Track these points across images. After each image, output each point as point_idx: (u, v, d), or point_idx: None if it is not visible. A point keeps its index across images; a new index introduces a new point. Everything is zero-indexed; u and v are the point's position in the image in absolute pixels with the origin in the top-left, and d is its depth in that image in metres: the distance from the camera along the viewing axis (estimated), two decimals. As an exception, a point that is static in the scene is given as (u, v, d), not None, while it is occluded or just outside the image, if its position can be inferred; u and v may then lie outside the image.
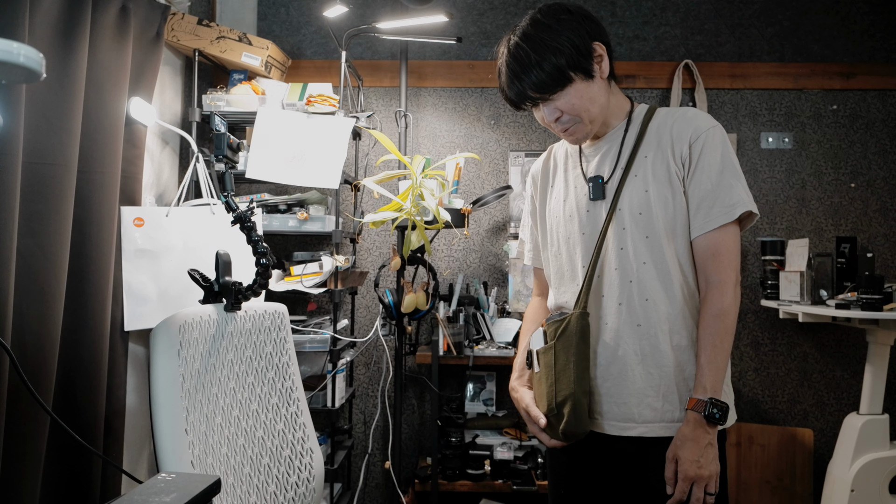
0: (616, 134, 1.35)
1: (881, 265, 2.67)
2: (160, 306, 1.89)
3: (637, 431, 1.25)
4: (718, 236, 1.24)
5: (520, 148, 2.74)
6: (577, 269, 1.35)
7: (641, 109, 1.36)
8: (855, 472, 2.26)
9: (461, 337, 2.42)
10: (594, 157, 1.37)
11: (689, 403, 1.19)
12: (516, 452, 2.43)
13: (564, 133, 1.33)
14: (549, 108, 1.28)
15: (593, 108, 1.28)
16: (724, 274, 1.23)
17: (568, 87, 1.25)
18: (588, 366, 1.28)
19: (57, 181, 1.55)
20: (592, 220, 1.34)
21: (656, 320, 1.26)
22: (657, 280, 1.26)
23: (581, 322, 1.28)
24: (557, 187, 1.44)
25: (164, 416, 1.33)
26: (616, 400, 1.28)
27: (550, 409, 1.29)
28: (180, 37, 2.26)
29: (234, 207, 1.61)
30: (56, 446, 1.57)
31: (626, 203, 1.29)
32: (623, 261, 1.29)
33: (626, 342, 1.27)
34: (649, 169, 1.28)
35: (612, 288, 1.30)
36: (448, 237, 2.72)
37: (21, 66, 0.83)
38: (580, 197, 1.37)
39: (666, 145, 1.28)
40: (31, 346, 1.47)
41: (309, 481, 1.65)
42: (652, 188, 1.27)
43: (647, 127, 1.32)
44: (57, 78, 1.56)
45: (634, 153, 1.31)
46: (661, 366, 1.25)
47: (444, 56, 2.76)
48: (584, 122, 1.29)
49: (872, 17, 2.72)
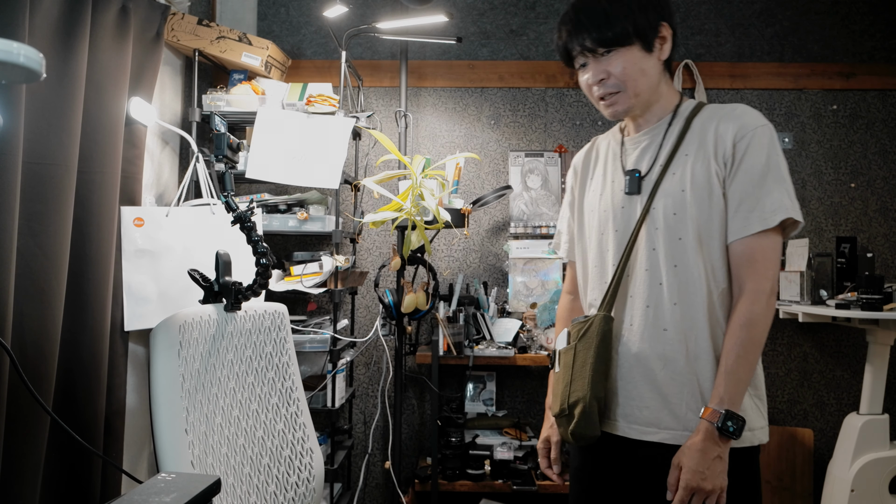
0: (659, 128, 1.30)
1: (881, 265, 2.67)
2: (160, 306, 1.89)
3: (658, 437, 1.22)
4: (755, 242, 1.19)
5: (520, 148, 2.74)
6: (608, 266, 1.32)
7: (689, 105, 1.31)
8: (855, 472, 2.26)
9: (461, 337, 2.42)
10: (634, 151, 1.33)
11: (704, 412, 1.16)
12: (516, 452, 2.43)
13: (603, 102, 1.28)
14: (598, 67, 1.24)
15: (641, 81, 1.25)
16: (758, 282, 1.18)
17: (624, 49, 1.22)
18: (606, 370, 1.26)
19: (57, 181, 1.55)
20: (626, 218, 1.30)
21: (684, 326, 1.22)
22: (688, 284, 1.22)
23: (604, 325, 1.25)
24: (596, 180, 1.40)
25: (164, 416, 1.33)
26: (638, 404, 1.25)
27: (562, 410, 1.28)
28: (180, 37, 2.26)
29: (234, 207, 1.61)
30: (56, 446, 1.57)
31: (661, 202, 1.25)
32: (654, 262, 1.25)
33: (651, 346, 1.24)
34: (689, 168, 1.23)
35: (641, 289, 1.26)
36: (448, 237, 2.72)
37: (21, 66, 0.84)
38: (616, 192, 1.33)
39: (709, 144, 1.23)
40: (31, 346, 1.47)
41: (309, 481, 1.65)
42: (689, 188, 1.22)
43: (691, 123, 1.27)
44: (57, 78, 1.56)
45: (675, 150, 1.26)
46: (686, 373, 1.21)
47: (444, 56, 2.76)
48: (629, 93, 1.25)
49: (872, 17, 2.72)
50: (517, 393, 2.70)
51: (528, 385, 2.70)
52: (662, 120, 1.31)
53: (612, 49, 1.22)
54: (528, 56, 2.75)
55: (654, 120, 1.31)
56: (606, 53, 1.23)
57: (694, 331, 1.21)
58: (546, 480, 2.38)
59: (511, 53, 2.75)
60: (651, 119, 1.32)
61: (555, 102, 2.74)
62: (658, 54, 1.26)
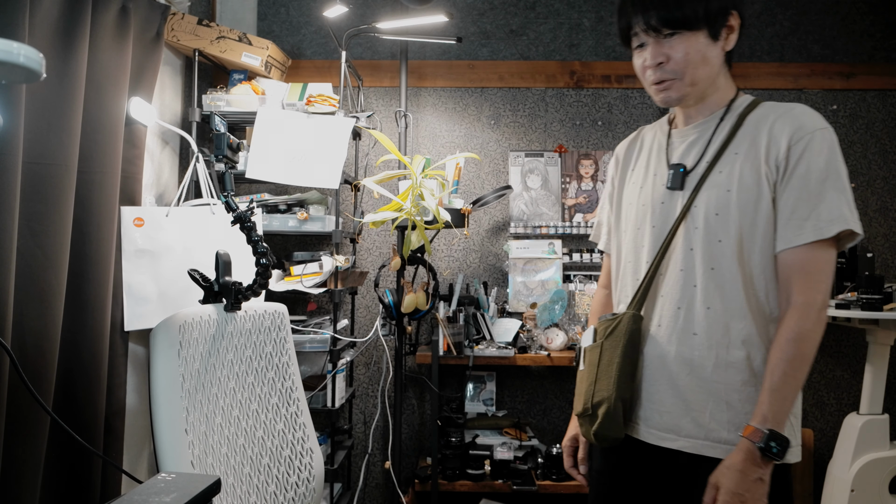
0: (710, 123, 1.24)
1: (881, 265, 2.66)
2: (160, 306, 1.89)
3: (677, 445, 1.18)
4: (808, 253, 1.11)
5: (520, 148, 2.74)
6: (641, 263, 1.27)
7: (744, 100, 1.24)
8: (855, 472, 2.25)
9: (461, 337, 2.42)
10: (681, 145, 1.27)
11: (745, 431, 1.09)
12: (516, 452, 2.43)
13: (657, 86, 1.21)
14: (657, 49, 1.17)
15: (701, 70, 1.18)
16: (809, 295, 1.10)
17: (689, 34, 1.15)
18: (633, 370, 1.22)
19: (57, 181, 1.55)
20: (665, 214, 1.24)
21: (716, 332, 1.16)
22: (724, 289, 1.16)
23: (632, 324, 1.21)
24: (638, 172, 1.34)
25: (164, 416, 1.33)
26: (658, 408, 1.20)
27: (585, 409, 1.24)
28: (180, 37, 2.26)
29: (234, 207, 1.61)
30: (56, 446, 1.57)
31: (704, 201, 1.18)
32: (689, 263, 1.19)
33: (678, 349, 1.19)
34: (737, 167, 1.17)
35: (674, 290, 1.20)
36: (448, 237, 2.72)
37: (21, 66, 0.84)
38: (657, 186, 1.26)
39: (761, 143, 1.16)
40: (31, 346, 1.47)
41: (309, 481, 1.65)
42: (735, 189, 1.16)
43: (744, 120, 1.20)
44: (57, 78, 1.56)
45: (724, 147, 1.19)
46: (712, 381, 1.16)
47: (444, 56, 2.76)
48: (685, 81, 1.18)
49: (872, 17, 2.72)
50: (517, 393, 2.70)
51: (528, 385, 2.70)
52: (714, 114, 1.24)
53: (676, 32, 1.15)
54: (528, 56, 2.75)
55: (706, 113, 1.25)
56: (670, 36, 1.16)
57: (726, 338, 1.16)
58: (546, 480, 2.38)
59: (511, 53, 2.75)
60: (703, 112, 1.25)
61: (555, 102, 2.74)
62: (723, 44, 1.19)
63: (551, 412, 2.69)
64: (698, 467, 1.15)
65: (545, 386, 2.69)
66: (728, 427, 1.14)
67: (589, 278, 2.62)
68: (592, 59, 2.74)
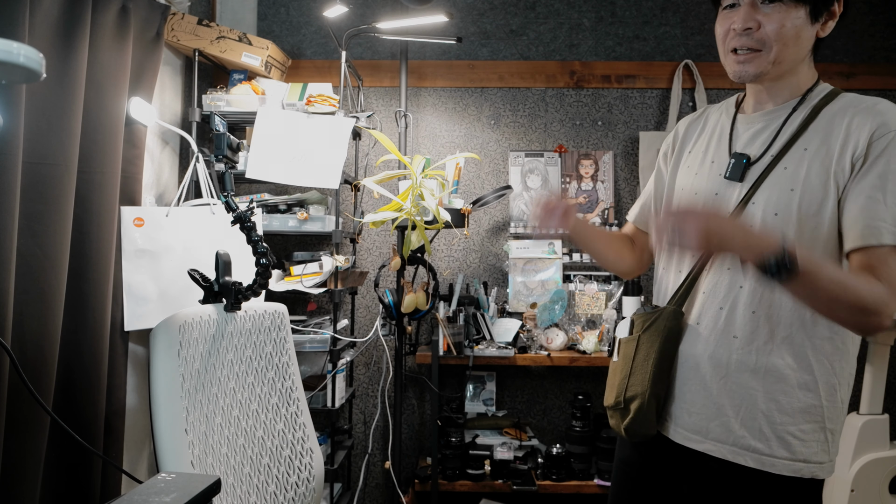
0: (781, 112, 1.14)
1: (881, 265, 2.66)
2: (160, 306, 1.89)
3: (703, 447, 1.14)
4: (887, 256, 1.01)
5: (520, 148, 2.74)
6: (687, 256, 1.20)
7: (822, 89, 1.14)
8: (855, 472, 2.26)
9: (461, 337, 2.42)
10: (746, 132, 1.17)
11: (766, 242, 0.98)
12: (516, 452, 2.43)
13: (734, 56, 1.12)
14: (751, 13, 1.08)
15: (790, 47, 1.08)
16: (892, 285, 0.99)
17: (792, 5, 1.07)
18: (669, 367, 1.18)
19: (57, 181, 1.55)
20: (718, 206, 1.15)
21: (758, 337, 1.10)
22: (772, 294, 1.09)
23: (672, 321, 1.17)
24: (695, 155, 1.26)
25: (164, 416, 1.33)
26: (689, 408, 1.16)
27: (617, 403, 1.22)
28: (180, 37, 2.26)
29: (234, 207, 1.61)
30: (56, 446, 1.57)
31: (764, 198, 1.09)
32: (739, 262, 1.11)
33: (715, 351, 1.14)
34: (804, 164, 1.07)
35: (718, 289, 1.14)
36: (448, 237, 2.72)
37: (21, 66, 0.84)
38: (714, 174, 1.18)
39: (836, 139, 1.06)
40: (31, 346, 1.47)
41: (309, 481, 1.65)
42: (800, 189, 1.06)
43: (819, 112, 1.10)
44: (57, 78, 1.56)
45: (793, 140, 1.10)
46: (748, 387, 1.11)
47: (444, 56, 2.76)
48: (770, 56, 1.09)
49: (872, 17, 2.72)
50: (517, 393, 2.70)
51: (528, 385, 2.70)
52: (788, 103, 1.14)
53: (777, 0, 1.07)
54: (528, 56, 2.75)
55: (780, 101, 1.15)
56: (768, 4, 1.07)
57: (769, 345, 1.10)
58: (546, 480, 2.37)
59: (511, 53, 2.75)
60: (776, 98, 1.16)
61: (555, 102, 2.74)
62: (819, 28, 1.10)
63: (551, 412, 2.69)
64: (724, 472, 1.12)
65: (545, 386, 2.69)
66: (759, 436, 1.10)
67: (589, 278, 2.62)
68: (592, 59, 2.74)
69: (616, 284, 2.58)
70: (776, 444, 1.09)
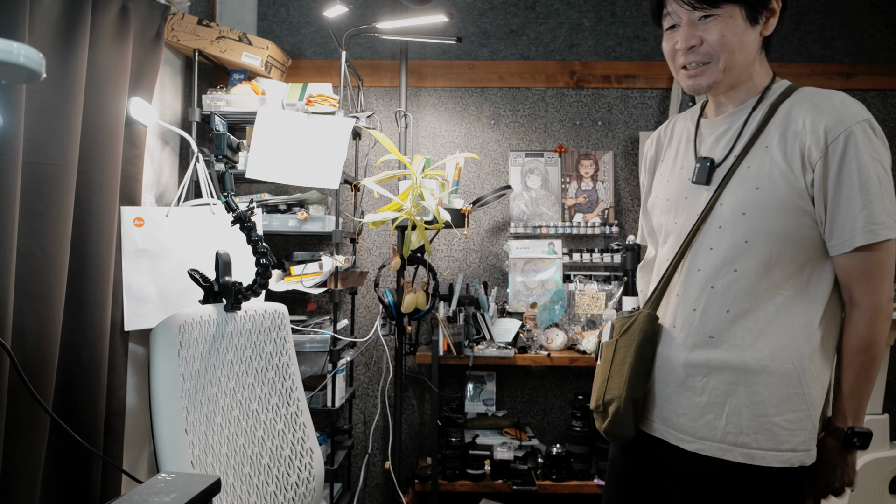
0: (741, 112, 1.16)
1: (881, 265, 2.66)
2: (160, 306, 1.89)
3: (693, 447, 1.15)
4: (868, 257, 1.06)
5: (520, 148, 2.74)
6: (663, 260, 1.23)
7: (780, 86, 1.16)
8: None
9: (461, 337, 2.42)
10: (710, 136, 1.20)
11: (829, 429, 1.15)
12: (516, 452, 2.43)
13: (685, 72, 1.15)
14: (691, 31, 1.11)
15: (736, 55, 1.11)
16: (875, 297, 1.07)
17: (726, 15, 1.09)
18: (646, 371, 1.19)
19: (57, 181, 1.55)
20: (688, 210, 1.18)
21: (732, 335, 1.12)
22: (745, 293, 1.11)
23: (647, 325, 1.19)
24: (666, 164, 1.29)
25: (164, 416, 1.33)
26: (675, 409, 1.17)
27: (597, 406, 1.24)
28: (180, 37, 2.26)
29: (234, 207, 1.61)
30: (56, 446, 1.57)
31: (731, 199, 1.12)
32: (710, 263, 1.14)
33: (693, 352, 1.15)
34: (767, 162, 1.09)
35: (691, 290, 1.16)
36: (448, 237, 2.72)
37: (21, 66, 0.84)
38: (683, 180, 1.21)
39: (793, 136, 1.08)
40: (31, 346, 1.47)
41: (309, 481, 1.65)
42: (765, 186, 1.09)
43: (777, 109, 1.12)
44: (57, 78, 1.56)
45: (754, 140, 1.12)
46: (728, 383, 1.12)
47: (444, 56, 2.76)
48: (718, 66, 1.12)
49: (872, 17, 2.72)
50: (517, 393, 2.70)
51: (528, 385, 2.70)
52: (747, 103, 1.16)
53: (712, 14, 1.09)
54: (528, 56, 2.75)
55: (738, 102, 1.18)
56: (704, 19, 1.10)
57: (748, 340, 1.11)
58: (546, 480, 2.37)
59: (511, 53, 2.75)
60: (735, 100, 1.18)
61: (555, 102, 2.74)
62: (762, 28, 1.13)
63: (551, 412, 2.69)
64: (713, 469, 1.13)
65: (545, 386, 2.69)
66: (745, 431, 1.11)
67: (589, 278, 2.62)
68: (592, 59, 2.74)
69: (616, 284, 2.58)
70: (763, 437, 1.10)
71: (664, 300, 1.22)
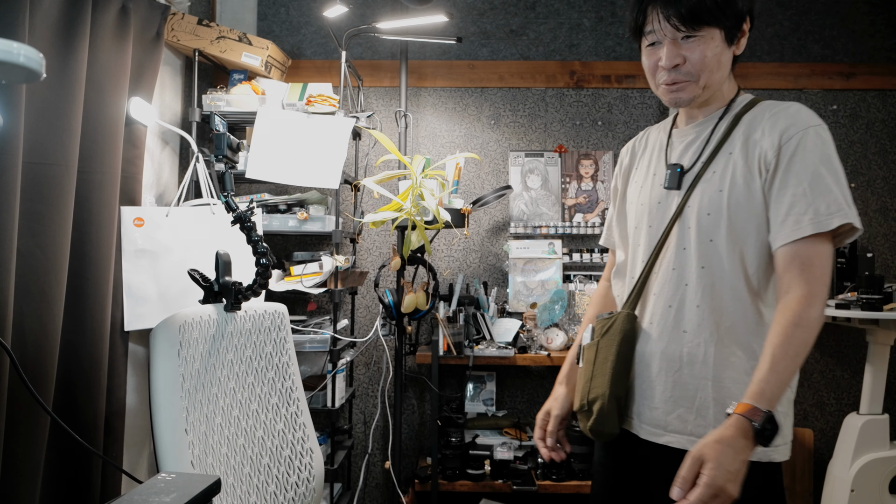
0: (708, 122, 1.24)
1: (881, 265, 2.66)
2: (160, 306, 1.89)
3: (665, 440, 1.19)
4: (808, 248, 1.10)
5: (520, 148, 2.74)
6: (637, 262, 1.29)
7: (743, 99, 1.24)
8: (855, 472, 2.26)
9: (461, 337, 2.42)
10: (680, 145, 1.28)
11: (741, 408, 1.02)
12: (516, 452, 2.43)
13: (669, 86, 1.20)
14: (675, 50, 1.16)
15: (715, 73, 1.18)
16: (814, 286, 1.08)
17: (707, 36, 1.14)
18: (627, 368, 1.24)
19: (57, 181, 1.55)
20: (661, 214, 1.25)
21: (704, 330, 1.17)
22: (714, 288, 1.17)
23: (626, 324, 1.24)
24: (640, 172, 1.36)
25: (164, 416, 1.33)
26: (649, 404, 1.22)
27: (582, 406, 1.26)
28: (180, 37, 2.26)
29: (234, 207, 1.61)
30: (56, 446, 1.57)
31: (697, 201, 1.19)
32: (682, 261, 1.20)
33: (667, 346, 1.20)
34: (730, 167, 1.17)
35: (665, 288, 1.22)
36: (448, 237, 2.72)
37: (21, 66, 0.84)
38: (656, 186, 1.28)
39: (753, 143, 1.16)
40: (31, 346, 1.47)
41: (309, 481, 1.65)
42: (728, 189, 1.16)
43: (740, 119, 1.20)
44: (57, 78, 1.56)
45: (719, 147, 1.20)
46: (700, 377, 1.17)
47: (444, 56, 2.76)
48: (699, 83, 1.18)
49: (872, 17, 2.72)
50: (517, 393, 2.70)
51: (528, 385, 2.70)
52: (714, 114, 1.24)
53: (695, 35, 1.14)
54: (528, 56, 2.75)
55: (707, 113, 1.25)
56: (687, 39, 1.15)
57: (715, 336, 1.16)
58: (546, 480, 2.38)
59: (511, 53, 2.75)
60: (705, 111, 1.26)
61: (555, 102, 2.74)
62: (735, 48, 1.19)
63: (551, 412, 2.69)
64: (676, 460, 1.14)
65: (545, 386, 2.69)
66: (713, 424, 1.12)
67: (589, 278, 2.62)
68: (592, 59, 2.74)
69: (616, 284, 2.58)
70: None
71: (642, 300, 1.27)
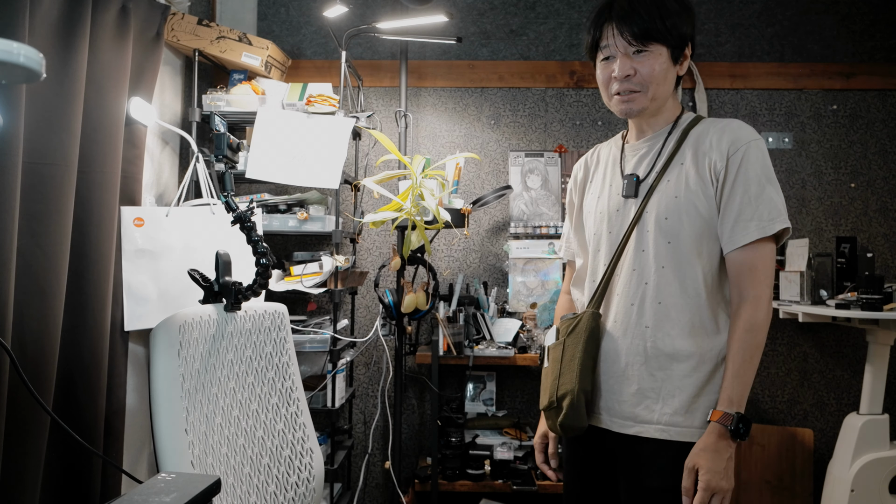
0: (658, 137, 1.37)
1: (881, 265, 2.66)
2: (160, 306, 1.89)
3: (634, 430, 1.28)
4: (755, 251, 1.24)
5: (520, 148, 2.74)
6: (599, 266, 1.39)
7: (688, 117, 1.38)
8: (855, 472, 2.25)
9: (461, 337, 2.42)
10: (633, 157, 1.40)
11: (715, 415, 1.20)
12: (516, 452, 2.43)
13: (619, 97, 1.32)
14: (627, 62, 1.29)
15: (662, 86, 1.31)
16: (759, 289, 1.23)
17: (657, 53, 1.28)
18: (594, 364, 1.32)
19: (57, 181, 1.55)
20: (620, 220, 1.36)
21: (666, 324, 1.27)
22: (673, 285, 1.27)
23: (591, 322, 1.32)
24: (595, 184, 1.47)
25: (164, 416, 1.33)
26: (617, 398, 1.31)
27: (551, 402, 1.33)
28: (180, 37, 2.26)
29: (234, 207, 1.61)
30: (56, 446, 1.57)
31: (654, 206, 1.30)
32: (641, 262, 1.31)
33: (631, 342, 1.30)
34: (683, 176, 1.29)
35: (627, 288, 1.32)
36: (448, 237, 2.72)
37: (21, 66, 0.83)
38: (613, 196, 1.39)
39: (703, 154, 1.29)
40: (31, 346, 1.47)
41: (309, 481, 1.65)
42: (682, 195, 1.28)
43: (687, 134, 1.34)
44: (57, 78, 1.56)
45: (671, 158, 1.32)
46: (664, 369, 1.27)
47: (444, 56, 2.76)
48: (648, 95, 1.30)
49: (872, 17, 2.72)
50: (517, 393, 2.70)
51: (528, 385, 2.70)
52: (663, 130, 1.37)
53: (644, 50, 1.27)
54: (528, 56, 2.75)
55: (656, 128, 1.37)
56: (638, 53, 1.28)
57: (676, 329, 1.27)
58: (546, 480, 2.38)
59: (511, 53, 2.75)
60: (654, 127, 1.38)
61: (555, 102, 2.74)
62: (678, 68, 1.33)
63: (551, 412, 2.69)
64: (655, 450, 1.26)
65: (545, 386, 2.69)
66: (680, 411, 1.25)
67: (589, 278, 2.62)
68: (592, 59, 2.74)
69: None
70: (698, 415, 1.25)
71: (605, 300, 1.36)
